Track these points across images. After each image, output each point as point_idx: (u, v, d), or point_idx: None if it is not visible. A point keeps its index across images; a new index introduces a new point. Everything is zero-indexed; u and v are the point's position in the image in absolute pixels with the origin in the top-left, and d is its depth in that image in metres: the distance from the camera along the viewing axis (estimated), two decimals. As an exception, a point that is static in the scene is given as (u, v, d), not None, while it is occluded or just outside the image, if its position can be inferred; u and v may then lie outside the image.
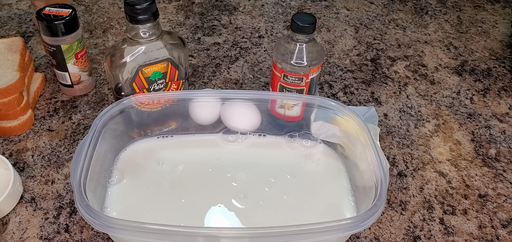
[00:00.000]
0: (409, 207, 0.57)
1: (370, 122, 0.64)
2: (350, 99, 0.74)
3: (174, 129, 0.61)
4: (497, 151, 0.66)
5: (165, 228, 0.41)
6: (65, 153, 0.61)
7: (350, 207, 0.53)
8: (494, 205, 0.58)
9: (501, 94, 0.78)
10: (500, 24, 0.99)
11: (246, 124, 0.60)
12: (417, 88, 0.77)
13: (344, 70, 0.80)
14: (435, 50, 0.88)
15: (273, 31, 0.90)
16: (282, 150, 0.60)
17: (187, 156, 0.58)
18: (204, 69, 0.79)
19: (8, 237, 0.50)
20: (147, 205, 0.52)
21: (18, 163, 0.59)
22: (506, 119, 0.72)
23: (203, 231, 0.44)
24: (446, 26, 0.96)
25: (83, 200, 0.42)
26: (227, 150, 0.60)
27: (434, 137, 0.68)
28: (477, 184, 0.60)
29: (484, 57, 0.87)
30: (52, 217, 0.52)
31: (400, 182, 0.60)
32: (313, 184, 0.56)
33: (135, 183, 0.54)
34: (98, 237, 0.51)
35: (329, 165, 0.59)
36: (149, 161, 0.57)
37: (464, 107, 0.74)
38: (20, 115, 0.62)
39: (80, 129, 0.64)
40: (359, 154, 0.52)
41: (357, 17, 0.97)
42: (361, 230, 0.43)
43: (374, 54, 0.85)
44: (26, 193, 0.55)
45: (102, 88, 0.72)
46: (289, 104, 0.59)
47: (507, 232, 0.54)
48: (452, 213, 0.56)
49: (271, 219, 0.51)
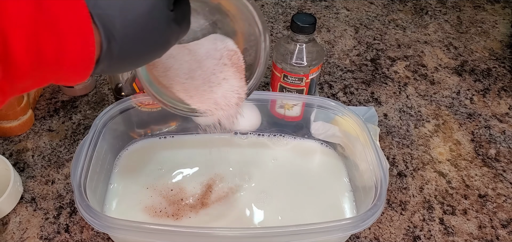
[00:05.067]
0: (409, 207, 0.57)
1: (370, 122, 0.64)
2: (350, 99, 0.74)
3: (174, 129, 0.61)
4: (497, 151, 0.66)
5: (165, 228, 0.41)
6: (65, 153, 0.61)
7: (350, 207, 0.53)
8: (494, 205, 0.58)
9: (501, 94, 0.78)
10: (500, 24, 0.99)
11: (246, 124, 0.60)
12: (417, 89, 0.77)
13: (344, 70, 0.80)
14: (435, 50, 0.88)
15: (273, 31, 0.90)
16: (282, 150, 0.60)
17: (187, 156, 0.58)
18: (204, 69, 0.79)
19: (8, 237, 0.50)
20: (147, 205, 0.52)
21: (18, 163, 0.59)
22: (506, 119, 0.72)
23: (203, 231, 0.44)
24: (446, 26, 0.96)
25: (83, 200, 0.42)
26: (227, 150, 0.60)
27: (434, 137, 0.68)
28: (477, 184, 0.60)
29: (484, 57, 0.87)
30: (52, 217, 0.52)
31: (400, 182, 0.60)
32: (313, 184, 0.56)
33: (135, 183, 0.54)
34: (98, 237, 0.51)
35: (329, 165, 0.59)
36: (149, 161, 0.57)
37: (464, 108, 0.74)
38: (20, 116, 0.62)
39: (80, 129, 0.64)
40: (359, 154, 0.52)
41: (357, 17, 0.97)
42: (361, 230, 0.43)
43: (374, 54, 0.85)
44: (26, 193, 0.55)
45: (102, 89, 0.72)
46: (289, 105, 0.59)
47: (507, 232, 0.54)
48: (452, 213, 0.56)
49: (271, 219, 0.51)
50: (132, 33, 0.27)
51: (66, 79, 0.27)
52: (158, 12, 0.28)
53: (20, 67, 0.22)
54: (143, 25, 0.27)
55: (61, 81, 0.27)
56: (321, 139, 0.60)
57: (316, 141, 0.61)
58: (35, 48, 0.22)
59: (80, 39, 0.24)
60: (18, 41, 0.22)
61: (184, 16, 0.31)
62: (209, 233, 0.44)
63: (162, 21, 0.29)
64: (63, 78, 0.26)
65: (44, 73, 0.24)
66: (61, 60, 0.24)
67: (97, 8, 0.25)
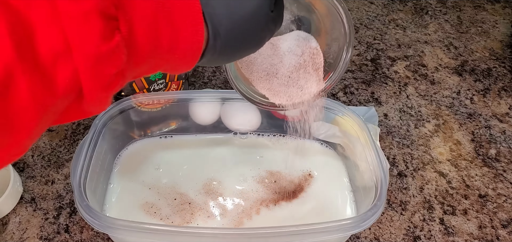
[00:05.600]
0: (409, 207, 0.57)
1: (370, 122, 0.64)
2: (350, 99, 0.74)
3: (174, 129, 0.61)
4: (497, 151, 0.66)
5: (165, 228, 0.41)
6: (65, 153, 0.61)
7: (350, 207, 0.53)
8: (494, 205, 0.58)
9: (501, 94, 0.78)
10: (500, 24, 0.99)
11: (246, 124, 0.60)
12: (417, 88, 0.77)
13: (344, 70, 0.80)
14: (435, 50, 0.88)
15: (273, 31, 0.90)
16: (282, 150, 0.60)
17: (187, 156, 0.58)
18: (204, 69, 0.79)
19: (8, 237, 0.50)
20: (147, 205, 0.51)
21: (18, 163, 0.59)
22: (506, 119, 0.72)
23: (203, 231, 0.44)
24: (446, 26, 0.96)
25: (83, 200, 0.42)
26: (227, 150, 0.60)
27: (434, 137, 0.67)
28: (477, 184, 0.60)
29: (484, 57, 0.87)
30: (52, 217, 0.52)
31: (400, 182, 0.60)
32: (313, 184, 0.56)
33: (135, 183, 0.54)
34: (98, 237, 0.51)
35: (329, 165, 0.58)
36: (149, 161, 0.57)
37: (464, 108, 0.74)
38: (20, 116, 0.62)
39: (80, 129, 0.64)
40: (359, 154, 0.52)
41: (357, 17, 0.97)
42: (361, 230, 0.43)
43: (374, 54, 0.85)
44: (26, 193, 0.55)
45: (102, 88, 0.72)
46: (289, 105, 0.59)
47: (507, 232, 0.54)
48: (452, 213, 0.56)
49: (271, 219, 0.51)
50: (236, 32, 0.29)
51: (174, 67, 0.29)
52: (261, 13, 0.30)
53: (140, 54, 0.25)
54: (247, 25, 0.30)
55: (169, 70, 0.30)
56: (321, 139, 0.60)
57: (316, 141, 0.61)
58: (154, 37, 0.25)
59: (191, 32, 0.27)
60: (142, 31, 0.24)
61: (279, 15, 0.33)
62: (208, 233, 0.44)
63: (263, 21, 0.31)
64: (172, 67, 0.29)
65: (157, 59, 0.27)
66: (173, 49, 0.26)
67: (208, 7, 0.27)
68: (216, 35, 0.28)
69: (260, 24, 0.31)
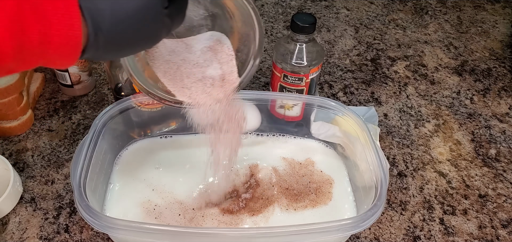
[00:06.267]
0: (409, 207, 0.57)
1: (370, 122, 0.64)
2: (350, 99, 0.74)
3: (174, 129, 0.61)
4: (497, 151, 0.66)
5: (165, 228, 0.41)
6: (65, 153, 0.61)
7: (350, 207, 0.53)
8: (494, 205, 0.58)
9: (501, 94, 0.78)
10: (500, 24, 0.99)
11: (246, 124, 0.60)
12: (417, 88, 0.77)
13: (344, 70, 0.80)
14: (435, 50, 0.88)
15: (273, 31, 0.90)
16: (282, 150, 0.60)
17: (187, 156, 0.58)
18: (204, 69, 0.79)
19: (8, 237, 0.50)
20: (147, 205, 0.51)
21: (18, 163, 0.59)
22: (506, 119, 0.72)
23: (203, 231, 0.44)
24: (446, 26, 0.96)
25: (83, 200, 0.42)
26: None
27: (434, 137, 0.67)
28: (477, 184, 0.60)
29: (484, 57, 0.87)
30: (52, 217, 0.52)
31: (400, 182, 0.60)
32: (313, 184, 0.56)
33: (135, 183, 0.54)
34: (98, 237, 0.51)
35: (329, 165, 0.58)
36: (149, 161, 0.57)
37: (464, 107, 0.74)
38: (20, 116, 0.62)
39: (80, 129, 0.64)
40: (359, 154, 0.52)
41: (357, 17, 0.97)
42: (361, 230, 0.43)
43: (374, 54, 0.85)
44: (26, 193, 0.55)
45: (102, 88, 0.72)
46: (289, 105, 0.59)
47: (507, 232, 0.54)
48: (452, 213, 0.56)
49: (271, 219, 0.51)
50: (121, 28, 0.28)
51: (53, 63, 0.28)
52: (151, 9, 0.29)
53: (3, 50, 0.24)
54: (133, 21, 0.28)
55: (49, 65, 0.28)
56: (321, 139, 0.60)
57: (316, 141, 0.61)
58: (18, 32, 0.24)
59: (65, 26, 0.25)
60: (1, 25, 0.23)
61: (179, 11, 0.32)
62: (208, 233, 0.44)
63: (153, 18, 0.29)
64: (51, 62, 0.27)
65: (29, 56, 0.25)
66: (45, 43, 0.25)
67: (88, 2, 0.26)
68: (98, 31, 0.27)
69: (150, 21, 0.29)
